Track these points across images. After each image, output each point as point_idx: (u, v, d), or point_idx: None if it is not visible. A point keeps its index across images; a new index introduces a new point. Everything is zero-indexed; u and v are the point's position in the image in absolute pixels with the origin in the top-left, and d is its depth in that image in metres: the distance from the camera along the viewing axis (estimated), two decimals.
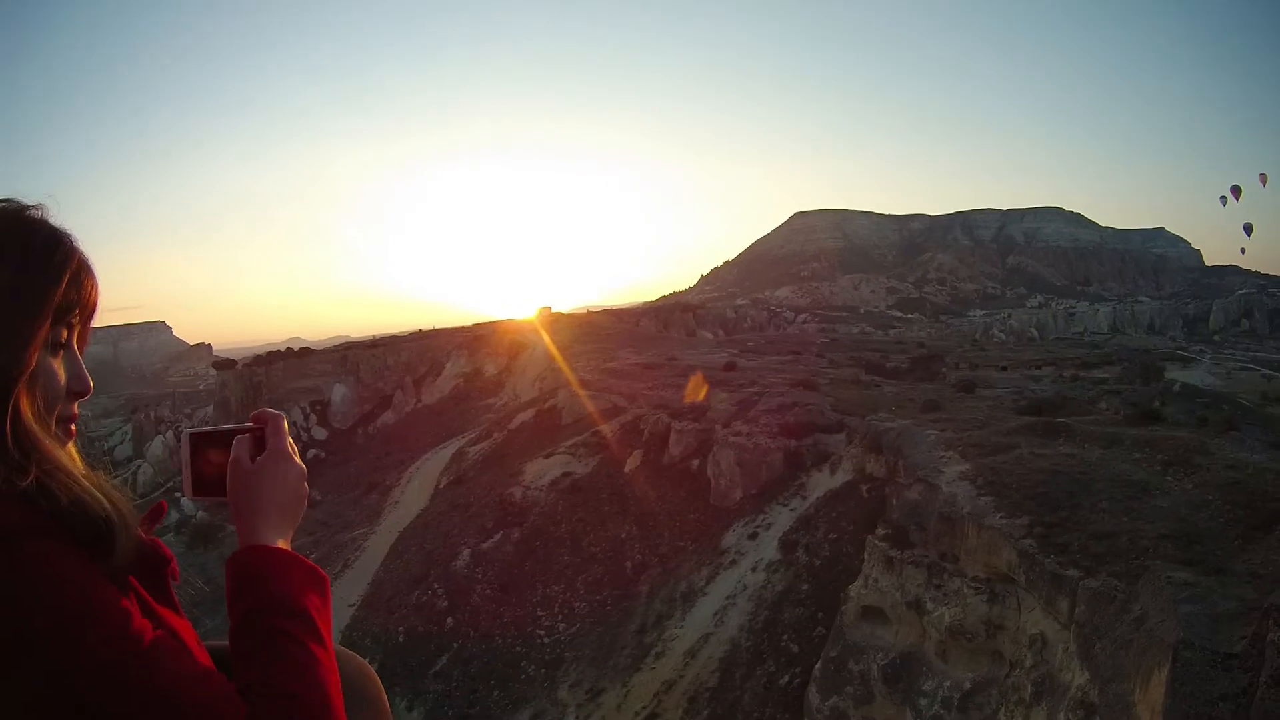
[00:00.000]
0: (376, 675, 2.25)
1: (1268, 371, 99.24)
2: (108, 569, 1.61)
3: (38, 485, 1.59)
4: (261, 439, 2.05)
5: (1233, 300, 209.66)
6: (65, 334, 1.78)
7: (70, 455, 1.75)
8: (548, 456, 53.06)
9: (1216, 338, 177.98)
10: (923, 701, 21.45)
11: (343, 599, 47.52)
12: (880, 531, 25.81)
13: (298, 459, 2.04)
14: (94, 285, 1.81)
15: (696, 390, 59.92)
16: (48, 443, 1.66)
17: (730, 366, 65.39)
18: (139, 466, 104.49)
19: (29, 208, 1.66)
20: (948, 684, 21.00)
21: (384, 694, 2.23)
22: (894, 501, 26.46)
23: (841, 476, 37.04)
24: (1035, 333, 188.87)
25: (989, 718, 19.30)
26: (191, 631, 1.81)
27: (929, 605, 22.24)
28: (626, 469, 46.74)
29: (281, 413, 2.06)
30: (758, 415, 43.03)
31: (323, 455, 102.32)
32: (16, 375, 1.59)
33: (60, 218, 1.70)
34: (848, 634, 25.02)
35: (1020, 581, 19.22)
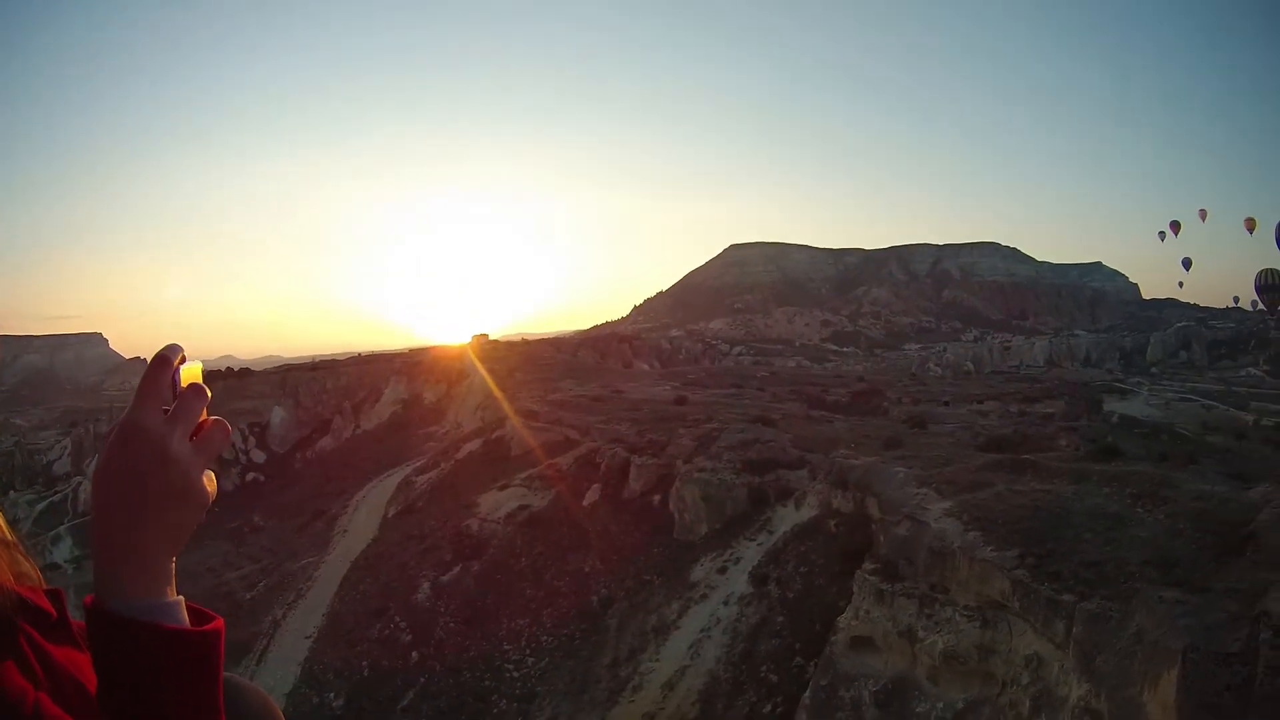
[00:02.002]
0: (279, 710, 2.04)
1: (1206, 402, 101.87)
2: None
3: None
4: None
5: (1170, 333, 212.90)
6: None
7: None
8: (502, 489, 53.03)
9: (1154, 370, 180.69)
10: None
11: (298, 630, 47.22)
12: (869, 566, 26.64)
13: (184, 431, 1.65)
14: None
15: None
16: None
17: (681, 400, 66.05)
18: (80, 483, 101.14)
19: None
20: (940, 705, 22.02)
21: None
22: (881, 538, 27.25)
23: (807, 511, 37.66)
24: (971, 366, 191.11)
25: None
26: (88, 668, 1.65)
27: (921, 633, 23.19)
28: (585, 502, 46.88)
29: (167, 353, 1.69)
30: (719, 451, 43.61)
31: (262, 479, 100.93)
32: None
33: None
34: (838, 663, 25.74)
35: (1014, 608, 20.45)
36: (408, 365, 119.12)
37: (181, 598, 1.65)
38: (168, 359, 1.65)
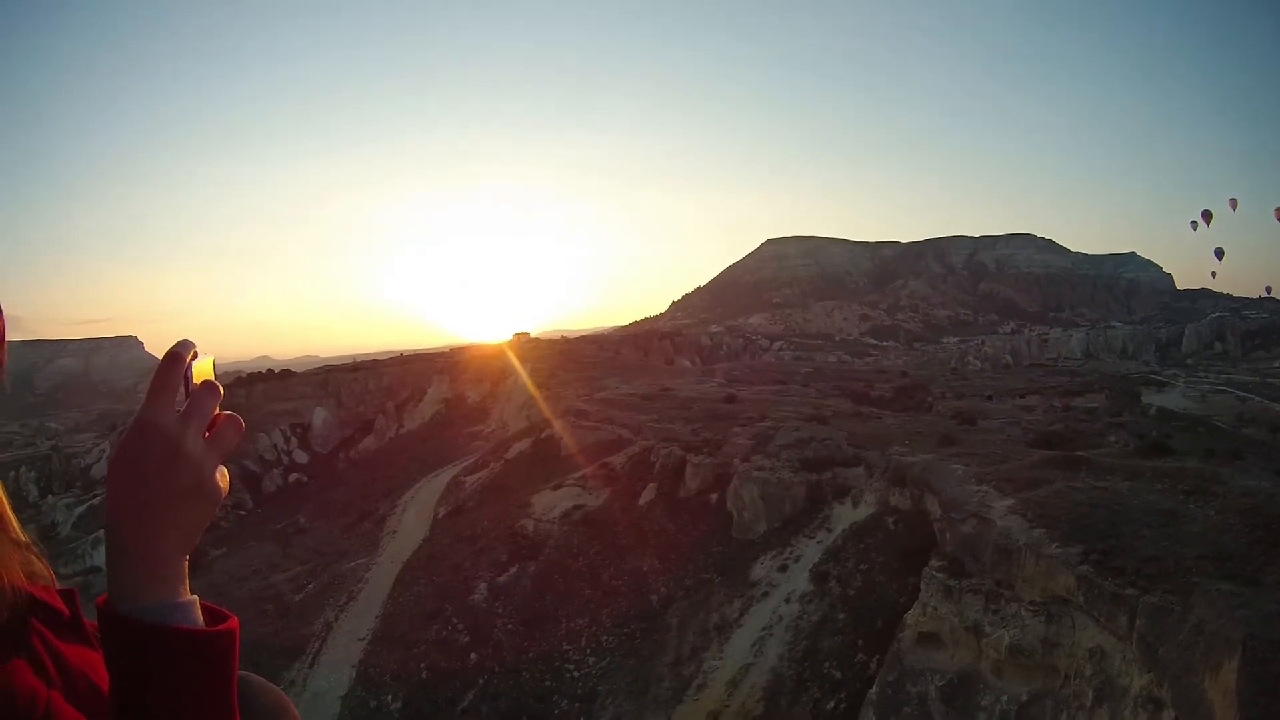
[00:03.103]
0: (294, 707, 2.05)
1: (1242, 394, 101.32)
2: None
3: None
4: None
5: (1205, 324, 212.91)
6: None
7: None
8: (555, 488, 53.67)
9: (1189, 361, 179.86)
10: (981, 716, 23.46)
11: (351, 633, 47.48)
12: (936, 563, 27.31)
13: (197, 428, 1.69)
14: None
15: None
16: None
17: (731, 399, 66.43)
18: None
19: None
20: (1005, 698, 23.11)
21: None
22: (947, 535, 27.80)
23: (865, 509, 38.23)
24: (1010, 359, 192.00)
25: None
26: (102, 668, 1.68)
27: (987, 628, 24.30)
28: (641, 501, 47.52)
29: (179, 350, 1.71)
30: (776, 450, 44.03)
31: (305, 480, 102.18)
32: None
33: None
34: (905, 659, 26.54)
35: (1078, 603, 21.56)
36: (449, 365, 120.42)
37: (196, 597, 1.68)
38: (179, 355, 1.68)
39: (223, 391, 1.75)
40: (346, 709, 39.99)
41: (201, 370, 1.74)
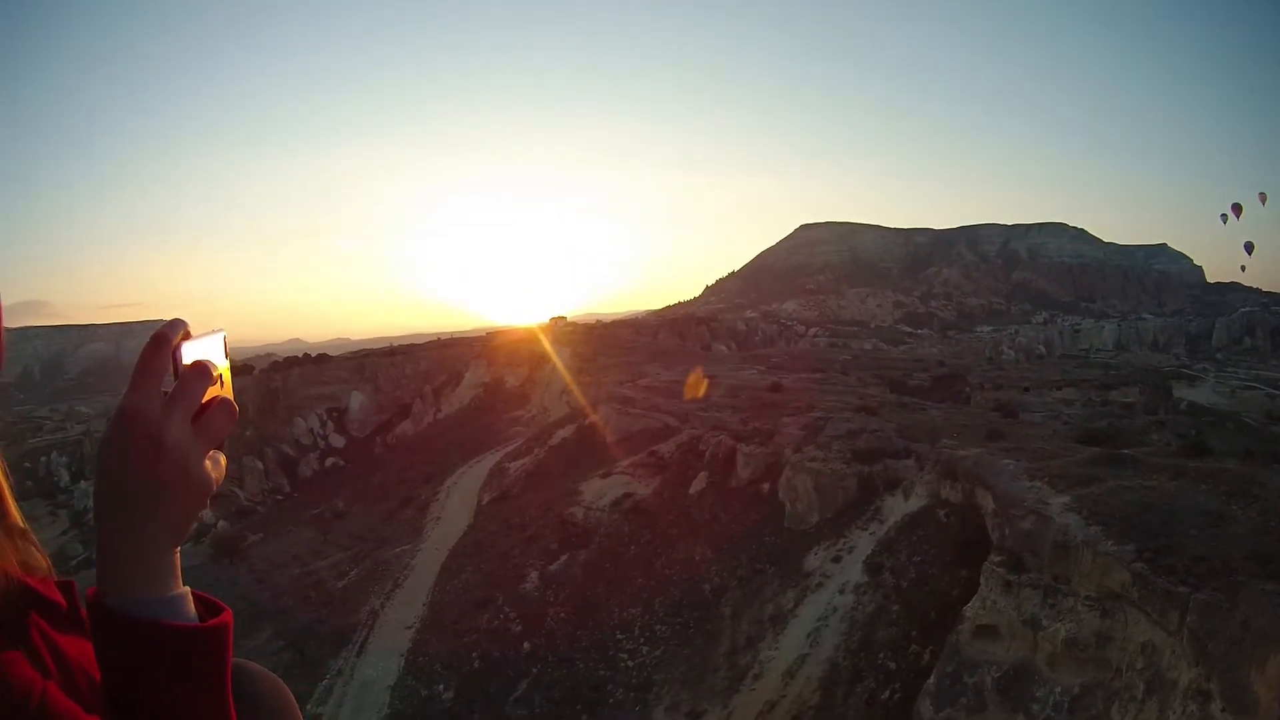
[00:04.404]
0: (291, 694, 2.06)
1: (1271, 390, 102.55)
2: None
3: None
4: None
5: (1235, 318, 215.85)
6: None
7: None
8: (604, 476, 54.82)
9: (1219, 356, 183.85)
10: (1034, 706, 24.59)
11: (398, 621, 48.14)
12: (995, 558, 28.34)
13: (183, 414, 1.62)
14: None
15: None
16: None
17: (776, 388, 67.08)
18: None
19: None
20: (1058, 690, 24.31)
21: (299, 713, 2.05)
22: (1006, 530, 28.70)
23: (916, 501, 39.10)
24: (1043, 349, 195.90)
25: (1098, 716, 22.61)
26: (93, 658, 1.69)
27: (1044, 622, 25.45)
28: (691, 490, 48.55)
29: (165, 331, 1.65)
30: (828, 440, 44.95)
31: (342, 464, 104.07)
32: None
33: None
34: (963, 650, 27.62)
35: (1132, 598, 22.81)
36: (486, 349, 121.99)
37: (188, 589, 1.67)
38: (165, 337, 1.62)
39: (217, 373, 1.69)
40: (396, 698, 40.47)
41: (202, 350, 1.68)
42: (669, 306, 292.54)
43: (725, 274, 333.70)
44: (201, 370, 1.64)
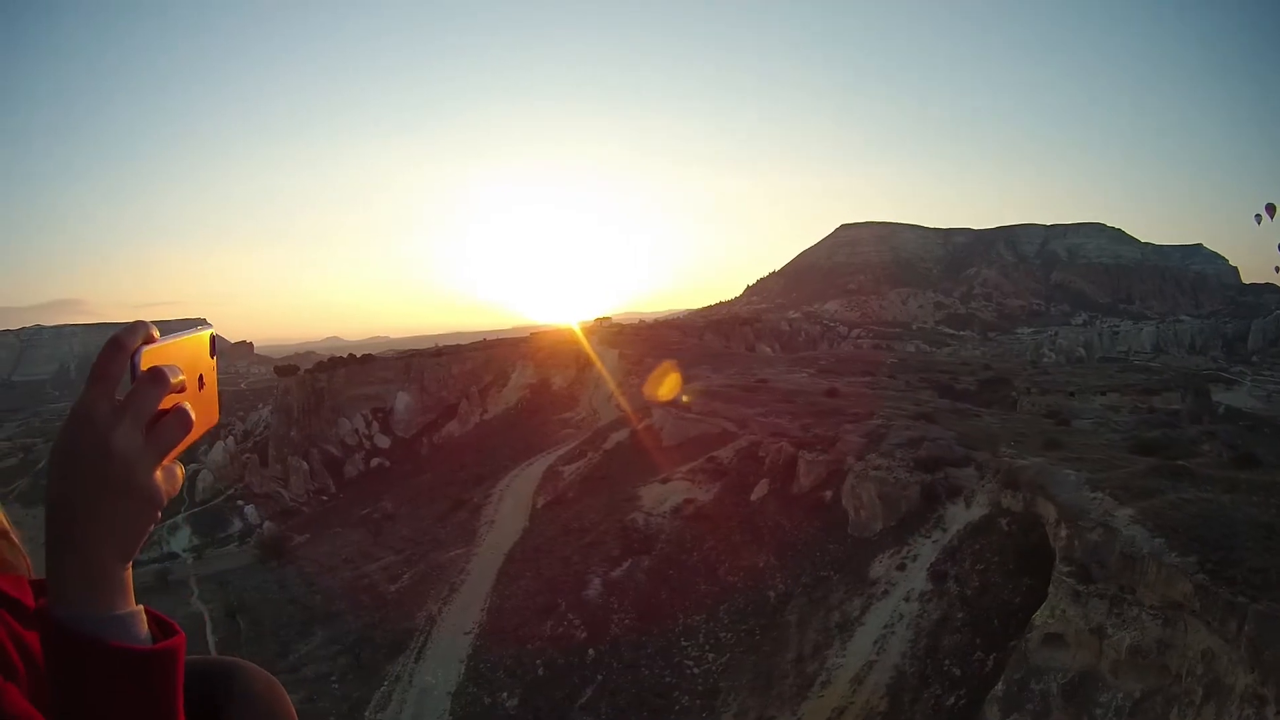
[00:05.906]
0: (286, 694, 2.06)
1: None
2: None
3: None
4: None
5: (1270, 320, 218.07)
6: None
7: None
8: (664, 482, 56.15)
9: (1255, 359, 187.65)
10: (1098, 711, 26.04)
11: (456, 626, 48.78)
12: (1064, 568, 29.85)
13: (132, 422, 1.55)
14: None
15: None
16: None
17: (833, 393, 67.90)
18: (197, 472, 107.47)
19: None
20: (1120, 695, 25.72)
21: (294, 712, 2.06)
22: (1075, 541, 30.12)
23: (978, 510, 40.23)
24: (1083, 351, 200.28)
25: (1158, 719, 24.18)
26: None
27: (1110, 630, 26.85)
28: (753, 497, 49.87)
29: (121, 335, 1.58)
30: (890, 449, 46.16)
31: (387, 464, 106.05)
32: None
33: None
34: (1030, 657, 29.09)
35: (1193, 608, 24.29)
36: (532, 349, 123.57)
37: (140, 608, 1.63)
38: (120, 342, 1.56)
39: (177, 380, 1.63)
40: (458, 705, 40.92)
41: (155, 356, 1.61)
42: (710, 306, 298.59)
43: (766, 273, 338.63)
44: (157, 376, 1.59)
